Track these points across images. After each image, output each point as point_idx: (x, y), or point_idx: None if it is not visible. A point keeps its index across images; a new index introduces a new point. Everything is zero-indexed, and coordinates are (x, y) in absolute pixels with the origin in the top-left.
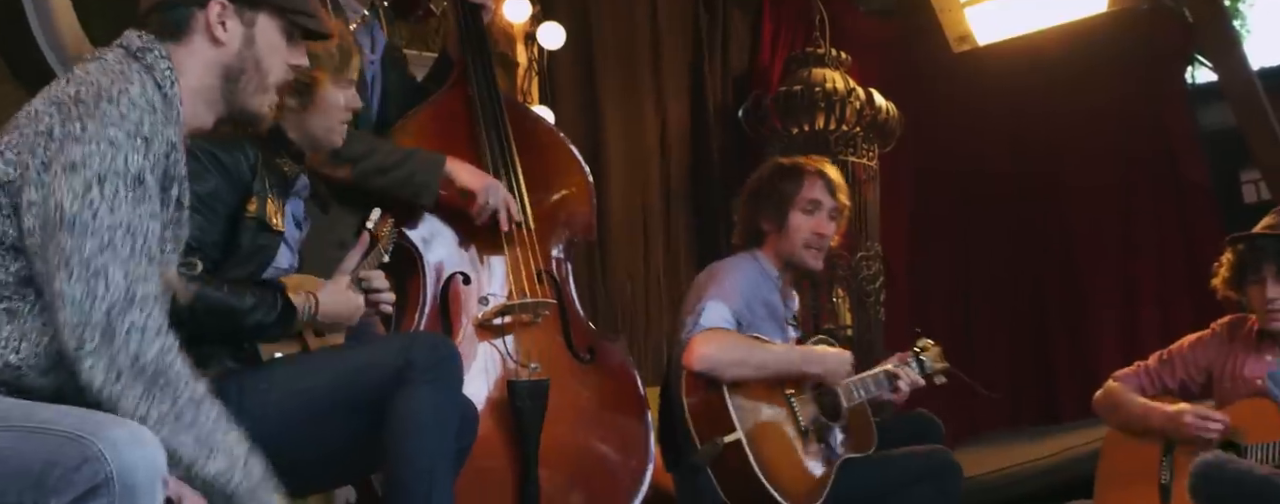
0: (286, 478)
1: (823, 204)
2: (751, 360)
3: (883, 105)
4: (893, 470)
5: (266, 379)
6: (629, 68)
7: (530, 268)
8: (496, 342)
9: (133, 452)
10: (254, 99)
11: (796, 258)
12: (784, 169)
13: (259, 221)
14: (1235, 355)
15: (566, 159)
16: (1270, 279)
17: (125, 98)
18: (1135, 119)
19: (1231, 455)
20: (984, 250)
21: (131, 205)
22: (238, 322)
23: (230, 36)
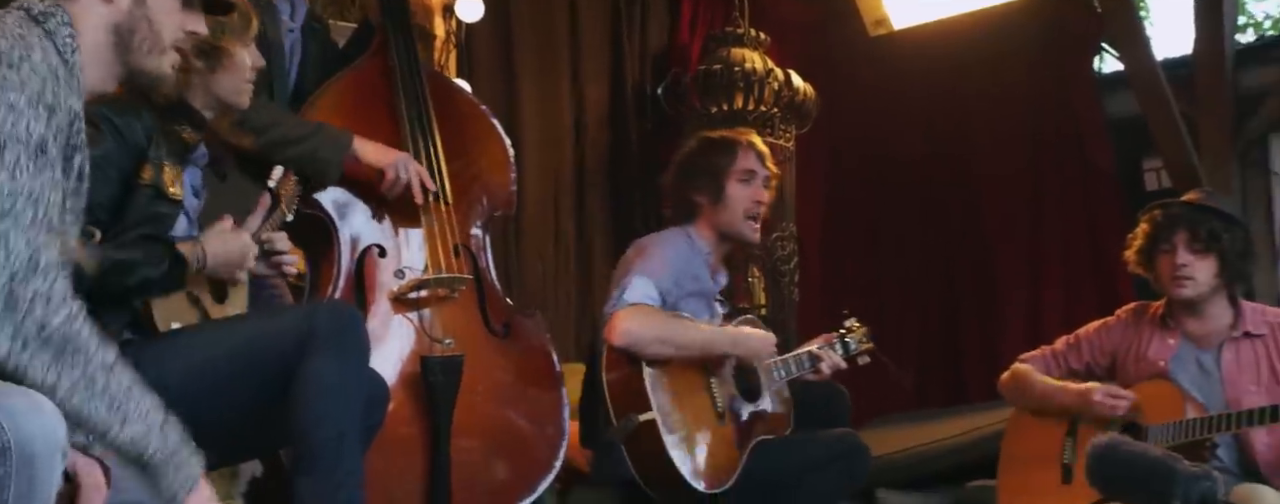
0: None
1: (757, 173)
2: (673, 339)
3: (800, 87)
4: (803, 454)
5: (164, 350)
6: (547, 43)
7: (447, 242)
8: (411, 315)
9: (31, 421)
10: (149, 59)
11: (736, 230)
12: (714, 142)
13: (155, 189)
14: (1140, 339)
15: (487, 131)
16: (1181, 246)
17: (27, 64)
18: (1045, 105)
19: (1126, 437)
20: (896, 232)
21: (33, 173)
22: (125, 277)
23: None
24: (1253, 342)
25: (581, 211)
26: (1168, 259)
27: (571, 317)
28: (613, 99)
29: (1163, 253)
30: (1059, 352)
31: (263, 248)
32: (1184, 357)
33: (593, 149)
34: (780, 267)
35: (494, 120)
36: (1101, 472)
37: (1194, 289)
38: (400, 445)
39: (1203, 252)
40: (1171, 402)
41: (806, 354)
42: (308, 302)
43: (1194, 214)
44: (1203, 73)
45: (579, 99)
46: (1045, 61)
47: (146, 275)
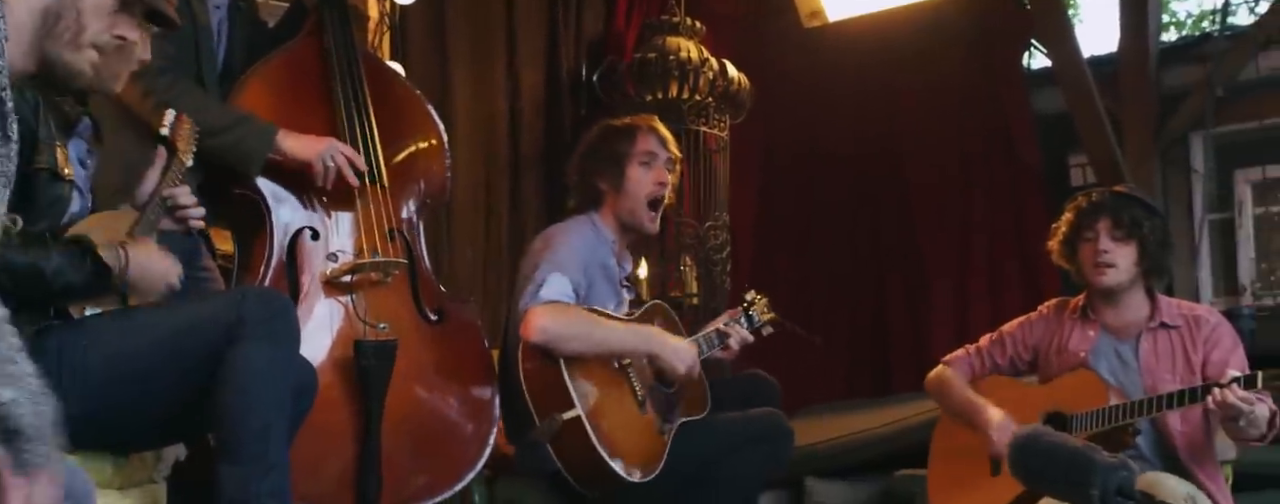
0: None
1: (658, 155)
2: (591, 338)
3: (735, 77)
4: (726, 433)
5: (87, 336)
6: (482, 28)
7: (382, 225)
8: (344, 299)
9: None
10: (66, 51)
11: (637, 218)
12: (614, 128)
13: (51, 172)
14: (1061, 332)
15: (422, 116)
16: (1103, 233)
17: None
18: (974, 100)
19: (1048, 428)
20: (828, 224)
21: None
22: (45, 285)
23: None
24: (1168, 333)
25: (515, 198)
26: (1090, 246)
27: (502, 305)
28: (548, 85)
29: (1085, 241)
30: (983, 350)
31: (164, 204)
32: (1103, 348)
33: (527, 135)
34: (713, 256)
35: (429, 107)
36: (1023, 463)
37: (1114, 277)
38: (330, 432)
39: (1124, 239)
40: (1094, 390)
41: (714, 332)
42: (236, 284)
43: (1117, 202)
44: (1127, 71)
45: (514, 85)
46: (976, 57)
47: (68, 282)
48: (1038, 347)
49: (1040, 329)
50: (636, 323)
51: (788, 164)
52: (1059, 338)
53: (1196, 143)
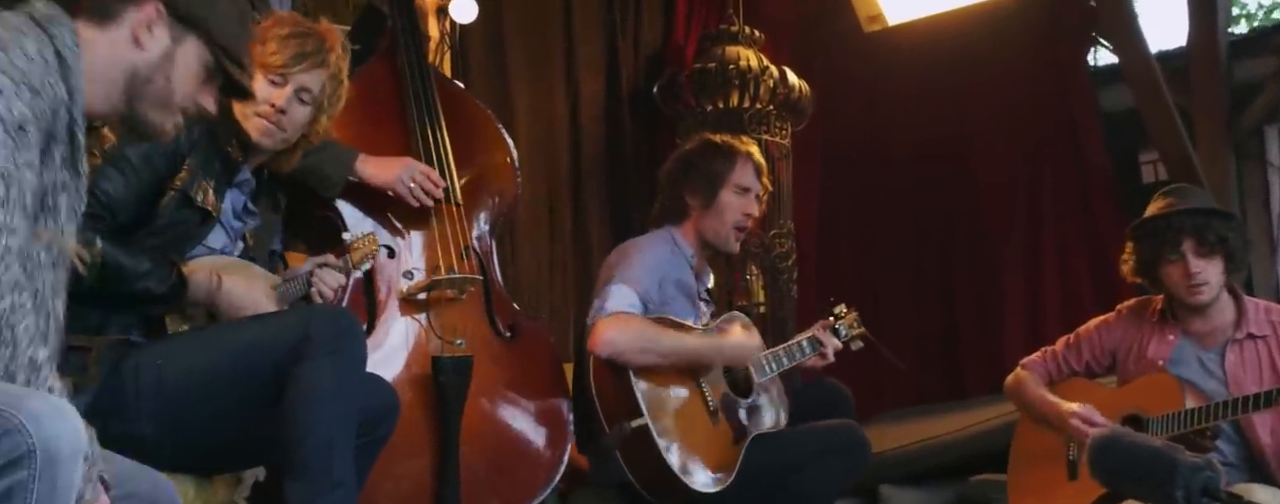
0: (188, 456)
1: (752, 188)
2: (657, 348)
3: (795, 84)
4: (801, 445)
5: (162, 355)
6: (541, 44)
7: (457, 243)
8: (420, 316)
9: (56, 424)
10: (153, 112)
11: (720, 238)
12: (716, 147)
13: (183, 194)
14: (1140, 337)
15: (493, 135)
16: (1191, 254)
17: (17, 48)
18: (1039, 99)
19: (1127, 429)
20: (892, 228)
21: (8, 152)
22: (127, 284)
23: (153, 44)
24: (1255, 342)
25: (578, 211)
26: (1178, 268)
27: (570, 318)
28: (608, 98)
29: (1170, 263)
30: (1059, 353)
31: (306, 286)
32: (1185, 357)
33: (589, 148)
34: (778, 264)
35: (499, 126)
36: (1103, 464)
37: (1209, 293)
38: (408, 449)
39: (1211, 254)
40: (1170, 393)
41: (806, 340)
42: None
43: (1196, 219)
44: (1197, 65)
45: (574, 99)
46: (1039, 55)
47: (147, 288)
48: (1116, 349)
49: (1118, 331)
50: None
51: (850, 169)
52: (1139, 343)
53: (1272, 136)
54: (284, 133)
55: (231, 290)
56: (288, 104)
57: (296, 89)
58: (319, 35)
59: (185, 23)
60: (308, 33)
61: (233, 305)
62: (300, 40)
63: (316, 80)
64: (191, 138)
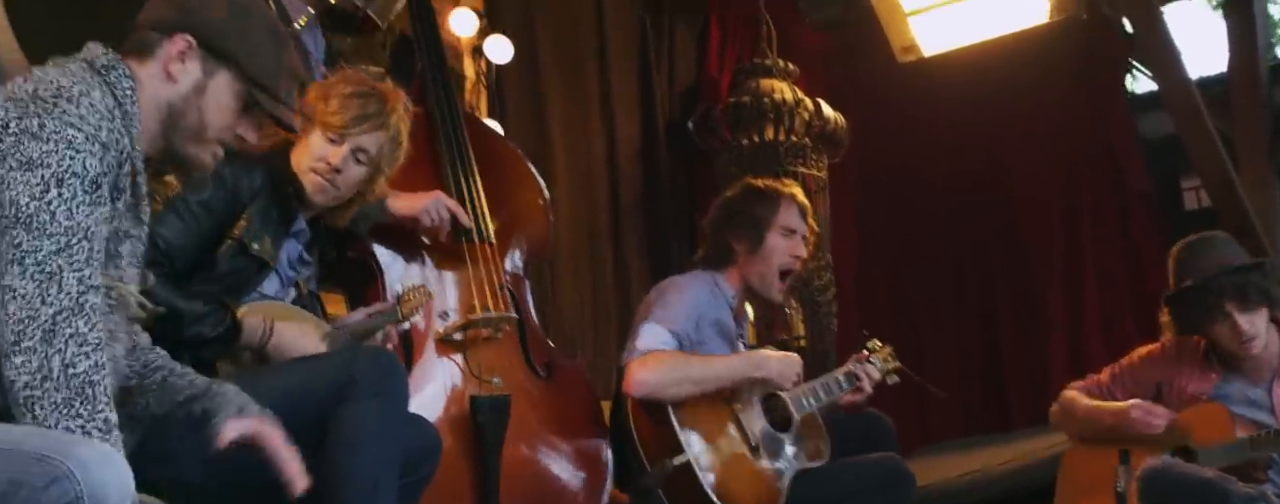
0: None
1: (797, 231)
2: (690, 376)
3: (831, 116)
4: (846, 480)
5: None
6: (576, 82)
7: (491, 282)
8: (455, 357)
9: (104, 471)
10: (188, 145)
11: (766, 282)
12: (760, 191)
13: (240, 244)
14: (1181, 373)
15: (524, 176)
16: (1237, 314)
17: (86, 100)
18: (1077, 127)
19: (1178, 460)
20: (931, 258)
21: (88, 209)
22: (180, 327)
23: (184, 77)
24: None
25: (618, 247)
26: (1226, 328)
27: (612, 355)
28: (644, 135)
29: (1218, 323)
30: (1104, 383)
31: (355, 335)
32: (1228, 392)
33: (626, 185)
34: (818, 297)
35: (530, 166)
36: (1154, 495)
37: (1261, 344)
38: (448, 489)
39: (1256, 309)
40: (1220, 423)
41: (843, 375)
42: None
43: (1234, 279)
44: (1238, 90)
45: (610, 136)
46: (1076, 83)
47: (200, 332)
48: (1161, 381)
49: (1162, 365)
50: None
51: (888, 200)
52: (1180, 380)
53: None
54: (337, 190)
55: (283, 335)
56: (343, 163)
57: (353, 149)
58: (381, 96)
59: (216, 55)
60: (370, 93)
61: (284, 351)
62: (362, 101)
63: (375, 142)
64: (253, 187)
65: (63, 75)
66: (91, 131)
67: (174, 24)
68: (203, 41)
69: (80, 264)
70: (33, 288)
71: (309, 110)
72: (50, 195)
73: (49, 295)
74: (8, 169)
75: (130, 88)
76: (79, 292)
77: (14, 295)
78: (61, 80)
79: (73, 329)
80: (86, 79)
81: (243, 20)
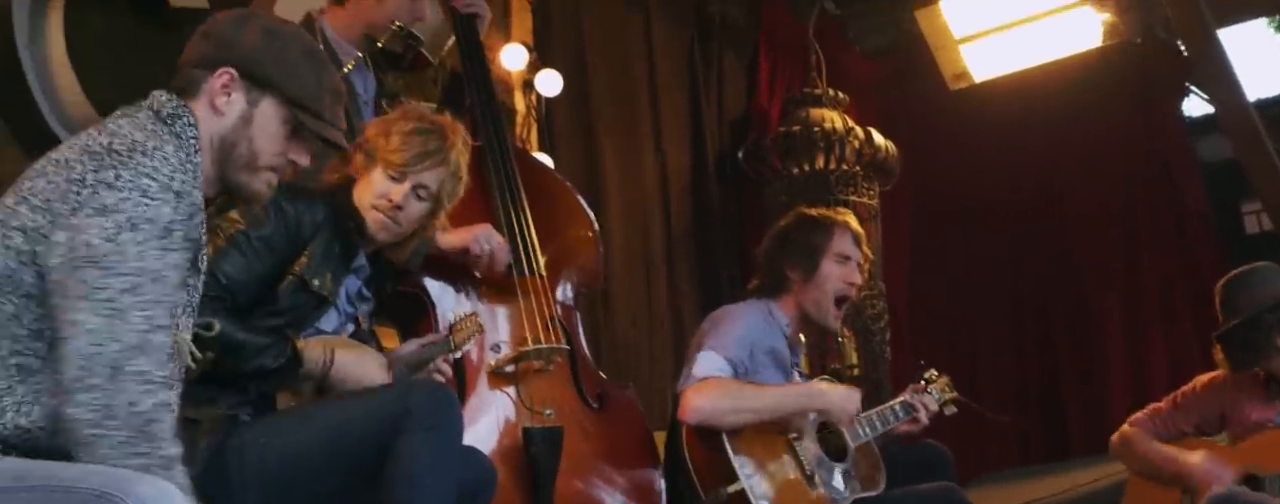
0: None
1: (852, 257)
2: (746, 405)
3: (881, 144)
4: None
5: (266, 434)
6: (627, 113)
7: (542, 314)
8: (508, 389)
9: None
10: (241, 175)
11: (822, 309)
12: (813, 219)
13: (301, 280)
14: (1245, 401)
15: (574, 208)
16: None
17: (159, 153)
18: (1133, 151)
19: (1243, 489)
20: (986, 285)
21: (159, 253)
22: (242, 359)
23: (230, 109)
24: None
25: (671, 277)
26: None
27: (666, 385)
28: (694, 165)
29: (1271, 359)
30: (1167, 413)
31: (411, 366)
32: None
33: (677, 215)
34: (871, 325)
35: (580, 198)
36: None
37: None
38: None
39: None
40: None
41: (899, 405)
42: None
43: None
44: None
45: (661, 166)
46: (1132, 107)
47: (262, 364)
48: (1224, 412)
49: (1225, 391)
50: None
51: (941, 227)
52: (1242, 409)
53: None
54: (399, 227)
55: (343, 365)
56: (405, 200)
57: (414, 185)
58: (441, 132)
59: (258, 83)
60: (431, 130)
61: (345, 380)
62: (423, 138)
63: (436, 178)
64: (315, 223)
65: (137, 129)
66: (165, 181)
67: (214, 59)
68: (243, 72)
69: (148, 304)
70: (101, 324)
71: (369, 147)
72: (123, 237)
73: (116, 332)
74: (84, 216)
75: (194, 137)
76: (145, 330)
77: (81, 331)
78: (136, 135)
79: (137, 367)
80: (159, 133)
81: (279, 45)
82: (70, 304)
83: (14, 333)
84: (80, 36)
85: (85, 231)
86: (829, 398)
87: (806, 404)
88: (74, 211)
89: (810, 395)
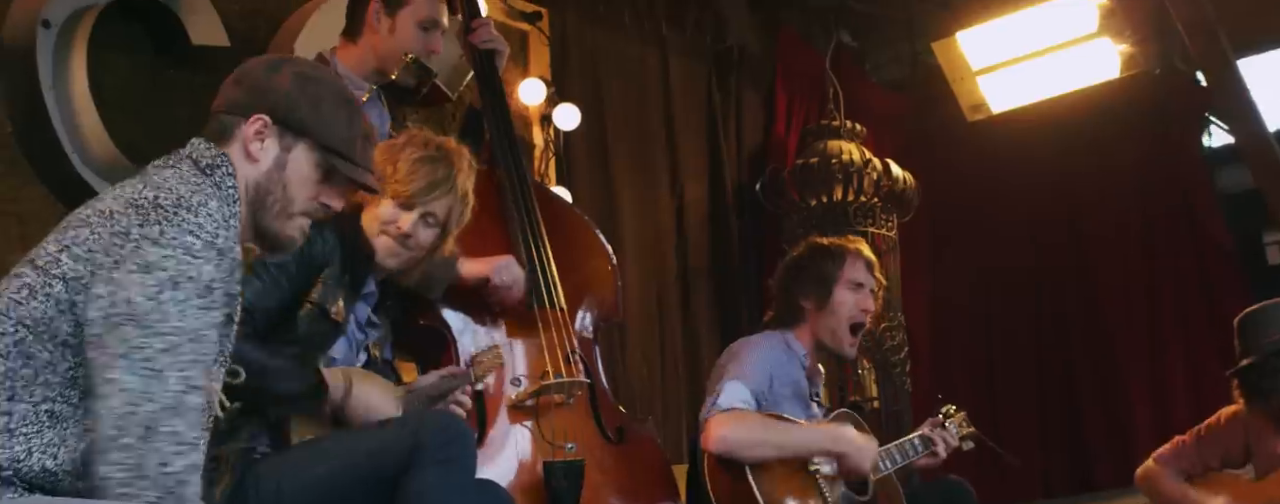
0: None
1: (865, 284)
2: (770, 440)
3: (899, 175)
4: None
5: (281, 469)
6: (644, 147)
7: (562, 348)
8: (528, 423)
9: None
10: (276, 222)
11: (837, 338)
12: (824, 248)
13: (319, 308)
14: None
15: (592, 242)
16: None
17: (205, 210)
18: (1153, 182)
19: None
20: (1006, 317)
21: (199, 313)
22: (267, 383)
23: (265, 155)
24: None
25: (687, 311)
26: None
27: (682, 419)
28: (712, 197)
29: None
30: (1191, 447)
31: (430, 398)
32: None
33: (695, 248)
34: (891, 358)
35: (598, 232)
36: None
37: None
38: None
39: None
40: None
41: (918, 438)
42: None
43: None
44: None
45: (679, 199)
46: (1151, 138)
47: (288, 388)
48: (1250, 442)
49: (1249, 424)
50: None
51: (960, 259)
52: (1267, 439)
53: None
54: (408, 252)
55: (360, 396)
56: (413, 228)
57: (423, 213)
58: (448, 159)
59: (291, 129)
60: (437, 157)
61: (361, 408)
62: (431, 167)
63: (444, 206)
64: (326, 248)
65: (181, 182)
66: (209, 239)
67: (248, 105)
68: (277, 118)
69: (185, 364)
70: (138, 383)
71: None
72: (164, 296)
73: (152, 392)
74: (126, 272)
75: (232, 187)
76: (181, 391)
77: (117, 390)
78: (180, 189)
79: (171, 428)
80: (203, 187)
81: (311, 90)
82: (108, 361)
83: (47, 379)
84: (104, 77)
85: (127, 288)
86: (849, 445)
87: (828, 447)
88: (117, 264)
89: (833, 439)
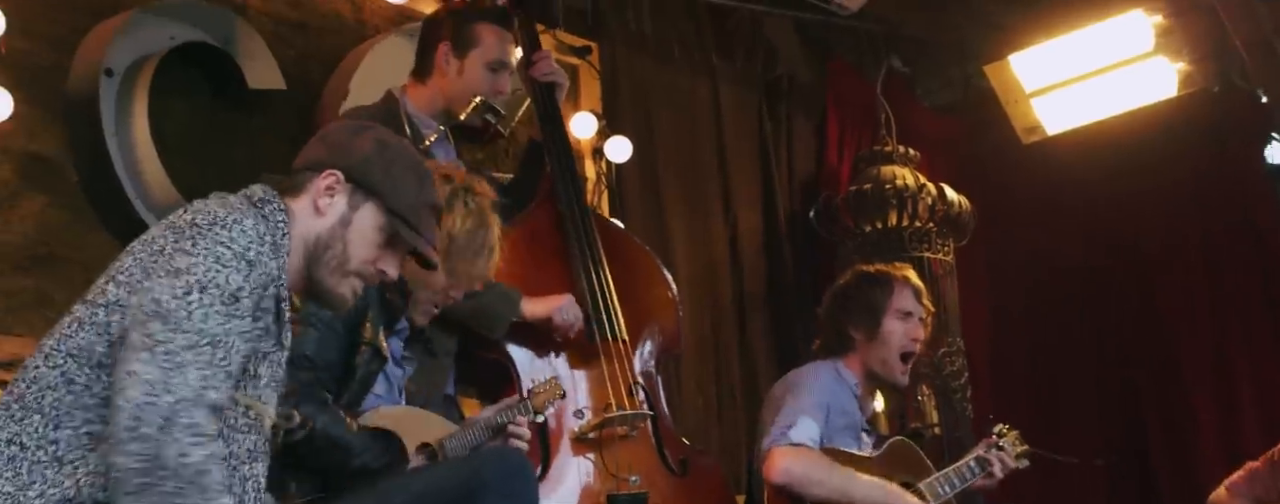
0: None
1: (914, 312)
2: (830, 484)
3: (955, 199)
4: None
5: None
6: (696, 178)
7: (625, 380)
8: (592, 455)
9: None
10: (331, 277)
11: (888, 368)
12: (871, 277)
13: (374, 347)
14: None
15: (653, 272)
16: None
17: (238, 226)
18: (1215, 201)
19: None
20: (1067, 339)
21: (223, 318)
22: (346, 462)
23: (331, 210)
24: None
25: (743, 342)
26: None
27: (739, 450)
28: (766, 226)
29: None
30: (1264, 473)
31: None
32: None
33: (750, 278)
34: (950, 383)
35: (659, 262)
36: None
37: None
38: None
39: None
40: None
41: (975, 460)
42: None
43: None
44: None
45: (732, 229)
46: (1211, 156)
47: (365, 463)
48: None
49: None
50: (881, 473)
51: (1019, 282)
52: None
53: None
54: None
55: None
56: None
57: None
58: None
59: (362, 188)
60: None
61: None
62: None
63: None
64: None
65: (221, 207)
66: (239, 251)
67: (324, 162)
68: (350, 176)
69: (204, 364)
70: (158, 375)
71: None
72: (191, 297)
73: (172, 384)
74: (156, 277)
75: (282, 221)
76: (200, 387)
77: (138, 381)
78: (218, 211)
79: (190, 419)
80: (241, 209)
81: (387, 155)
82: (131, 354)
83: (85, 402)
84: (164, 122)
85: (155, 291)
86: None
87: (884, 501)
88: (148, 275)
89: (887, 495)
